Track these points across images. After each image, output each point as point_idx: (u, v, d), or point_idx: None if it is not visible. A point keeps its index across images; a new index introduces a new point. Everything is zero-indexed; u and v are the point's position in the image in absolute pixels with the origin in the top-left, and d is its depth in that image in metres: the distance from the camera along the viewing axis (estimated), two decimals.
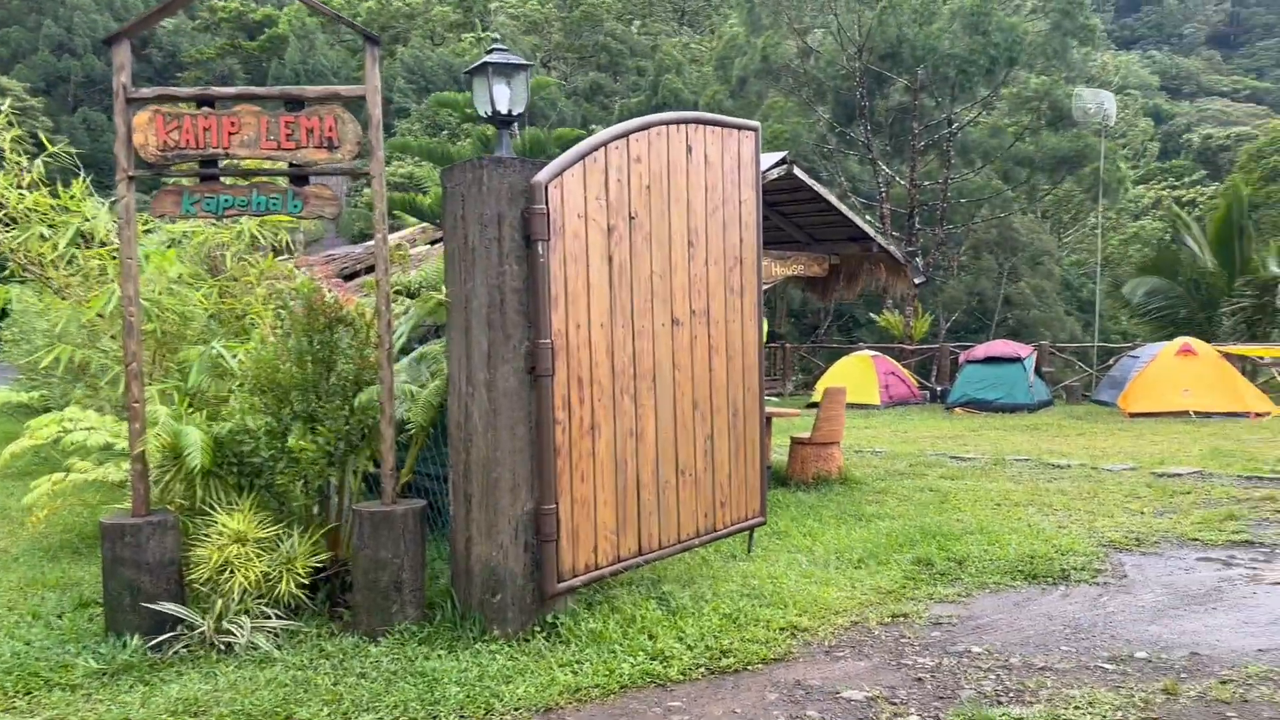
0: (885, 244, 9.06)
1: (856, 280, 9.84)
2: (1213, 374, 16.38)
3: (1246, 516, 7.22)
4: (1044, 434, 14.31)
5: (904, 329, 22.82)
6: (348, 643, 4.66)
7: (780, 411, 10.23)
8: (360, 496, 5.46)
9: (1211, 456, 10.60)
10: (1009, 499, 8.43)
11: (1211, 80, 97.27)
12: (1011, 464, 10.58)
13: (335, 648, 4.61)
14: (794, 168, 8.38)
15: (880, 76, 24.40)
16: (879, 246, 9.04)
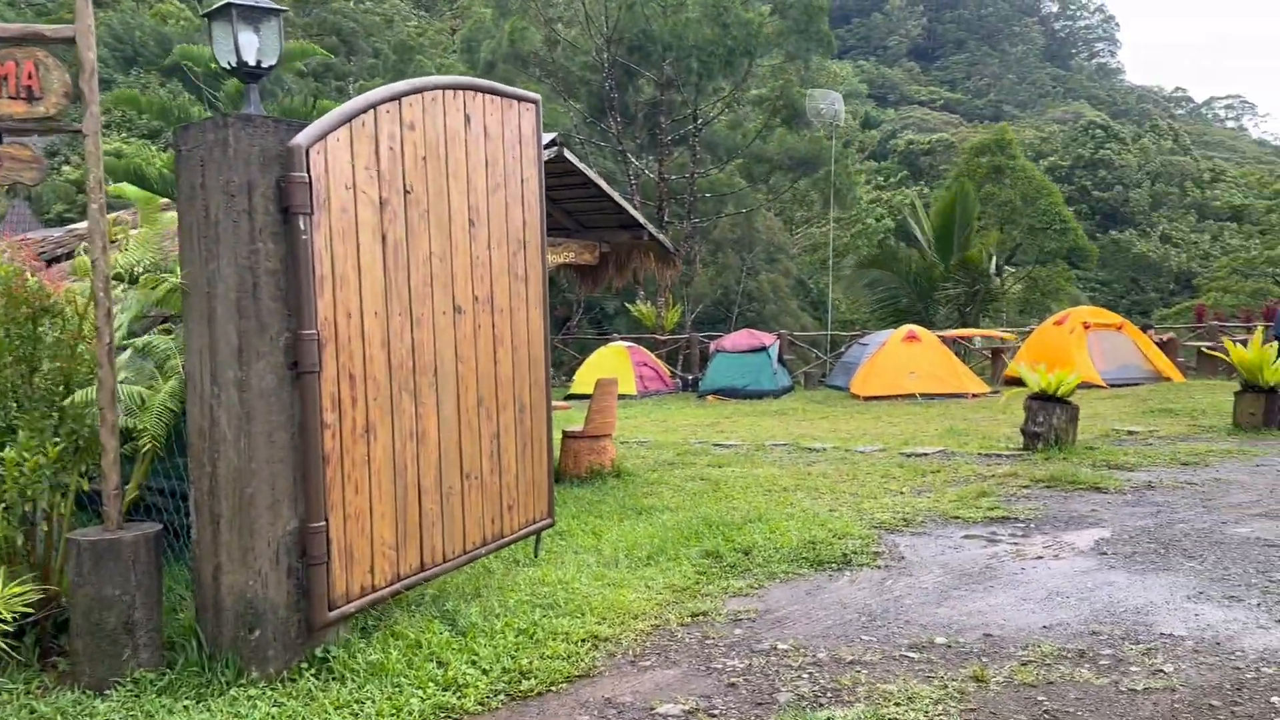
0: (655, 232, 8.91)
1: (626, 268, 9.64)
2: (935, 358, 17.74)
3: (997, 493, 7.67)
4: (792, 418, 14.88)
5: (656, 320, 23.16)
6: (66, 699, 3.81)
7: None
8: (73, 522, 4.54)
9: (949, 435, 11.35)
10: (777, 485, 8.53)
11: (912, 90, 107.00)
12: (771, 449, 10.81)
13: (50, 707, 3.75)
14: (564, 150, 8.02)
15: (629, 70, 24.60)
16: (650, 235, 8.89)
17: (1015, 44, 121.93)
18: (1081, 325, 18.46)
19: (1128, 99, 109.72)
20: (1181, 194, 62.80)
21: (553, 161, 8.11)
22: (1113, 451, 9.36)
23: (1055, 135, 70.04)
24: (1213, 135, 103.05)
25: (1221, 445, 9.64)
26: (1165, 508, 6.99)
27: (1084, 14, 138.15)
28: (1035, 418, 9.54)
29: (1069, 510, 7.06)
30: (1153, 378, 18.46)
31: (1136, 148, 63.01)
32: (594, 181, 8.40)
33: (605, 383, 9.29)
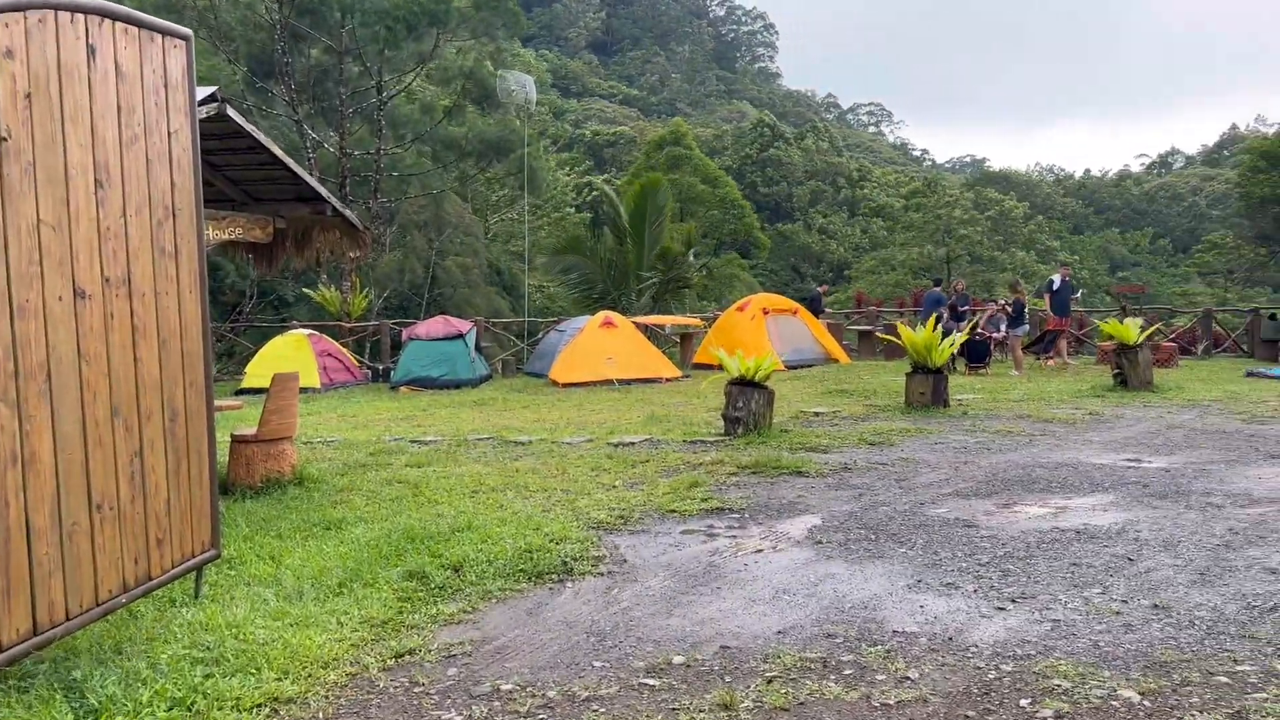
0: (340, 206, 7.91)
1: (308, 248, 8.53)
2: (631, 344, 17.87)
3: (708, 482, 7.52)
4: (493, 409, 14.28)
5: (341, 306, 21.60)
6: None
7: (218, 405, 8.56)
8: None
9: (652, 423, 11.25)
10: (484, 484, 7.90)
11: (594, 83, 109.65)
12: (474, 444, 10.15)
13: None
14: (228, 107, 6.85)
15: (299, 33, 22.68)
16: (333, 209, 7.88)
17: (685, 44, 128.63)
18: (761, 311, 19.39)
19: (785, 102, 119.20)
20: (835, 191, 69.16)
21: (213, 120, 6.91)
22: (806, 434, 9.63)
23: (726, 134, 74.65)
24: (857, 139, 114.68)
25: (900, 424, 10.25)
26: (866, 490, 7.15)
27: (747, 20, 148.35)
28: (735, 403, 9.60)
29: (778, 497, 7.03)
30: (824, 359, 19.78)
31: (800, 148, 68.42)
32: (265, 146, 7.28)
33: (283, 377, 8.18)
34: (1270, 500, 6.33)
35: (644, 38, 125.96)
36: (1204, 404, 11.50)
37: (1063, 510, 6.36)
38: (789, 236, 60.46)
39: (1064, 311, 19.49)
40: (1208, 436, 9.10)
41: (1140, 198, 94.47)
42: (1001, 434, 9.55)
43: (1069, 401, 12.12)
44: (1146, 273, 77.72)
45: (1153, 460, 7.98)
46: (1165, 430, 9.56)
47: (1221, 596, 4.53)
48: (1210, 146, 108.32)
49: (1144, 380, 12.73)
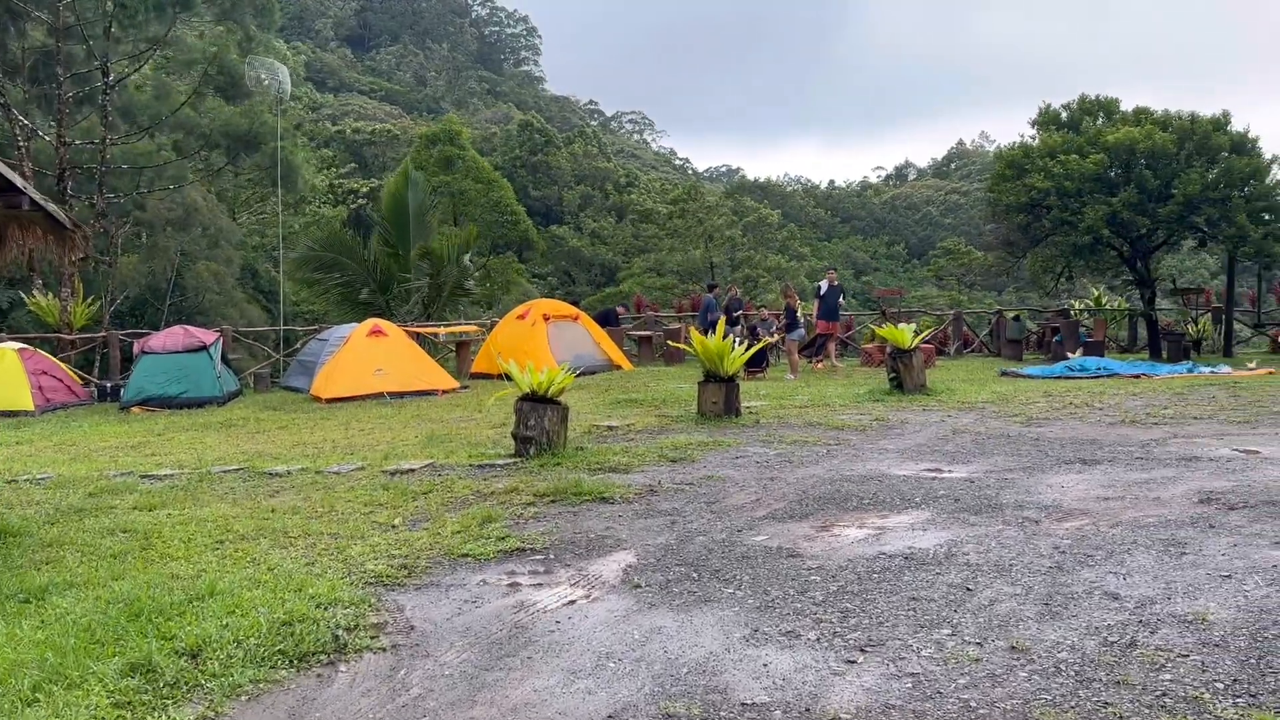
0: (40, 199, 6.42)
1: (4, 247, 6.92)
2: (403, 354, 16.63)
3: (503, 515, 6.66)
4: (244, 431, 12.72)
5: (61, 315, 18.87)
6: None
7: None
8: None
9: (432, 443, 10.23)
10: (232, 531, 6.67)
11: (351, 77, 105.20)
12: (221, 478, 8.76)
13: None
14: None
15: (11, 9, 19.67)
16: (32, 202, 6.37)
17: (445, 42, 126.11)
18: (542, 317, 18.67)
19: (550, 107, 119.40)
20: (604, 196, 69.61)
21: None
22: (604, 451, 8.97)
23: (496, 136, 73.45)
24: (622, 145, 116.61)
25: (697, 437, 9.80)
26: (677, 516, 6.55)
27: (510, 22, 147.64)
28: (527, 421, 8.80)
29: (584, 530, 6.29)
30: (606, 366, 19.32)
31: (568, 152, 68.34)
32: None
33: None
34: (1081, 512, 6.27)
35: (403, 33, 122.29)
36: (979, 406, 11.85)
37: (882, 531, 6.01)
38: (560, 240, 60.22)
39: (832, 316, 20.05)
40: (995, 442, 9.22)
41: (880, 207, 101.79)
42: (799, 444, 9.29)
43: (852, 406, 12.18)
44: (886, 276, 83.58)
45: (953, 469, 7.90)
46: (953, 436, 9.64)
47: (1075, 632, 4.21)
48: (939, 160, 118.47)
49: (918, 383, 13.05)
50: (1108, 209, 19.39)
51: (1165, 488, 6.91)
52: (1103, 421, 10.41)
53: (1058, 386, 14.21)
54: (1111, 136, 19.98)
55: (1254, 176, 18.79)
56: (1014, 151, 21.24)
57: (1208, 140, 19.23)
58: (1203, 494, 6.63)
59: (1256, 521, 5.85)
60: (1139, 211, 19.49)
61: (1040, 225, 21.00)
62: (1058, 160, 20.24)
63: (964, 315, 23.94)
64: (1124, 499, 6.61)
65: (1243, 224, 18.29)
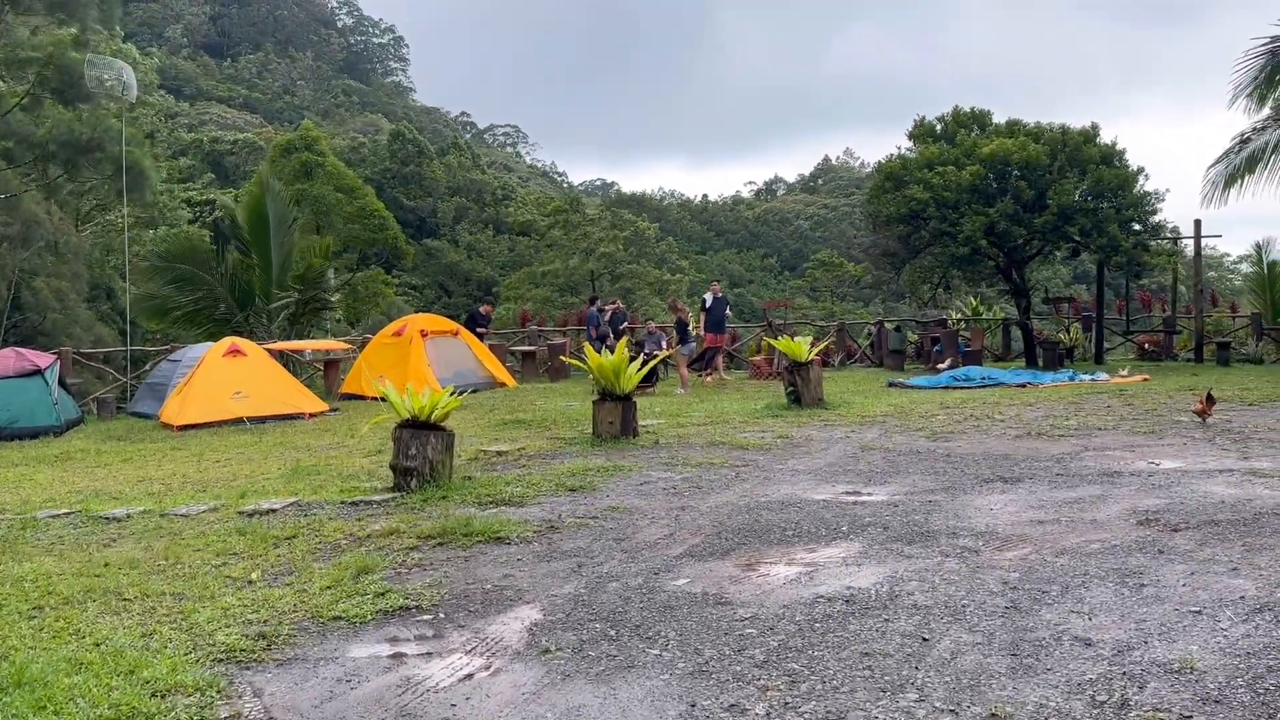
0: None
1: None
2: (265, 375, 15.37)
3: (382, 565, 5.78)
4: (81, 465, 11.35)
5: None
6: None
7: None
8: None
9: (298, 476, 9.19)
10: (54, 593, 5.59)
11: (210, 85, 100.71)
12: (48, 525, 7.54)
13: None
14: None
15: None
16: None
17: (307, 50, 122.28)
18: (419, 333, 17.65)
19: (420, 117, 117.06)
20: (480, 208, 68.24)
21: None
22: (494, 482, 8.15)
23: (365, 146, 71.12)
24: (495, 157, 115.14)
25: (595, 461, 9.07)
26: (585, 558, 5.81)
27: (376, 32, 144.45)
28: (407, 450, 7.90)
29: (478, 579, 5.49)
30: (489, 383, 18.41)
31: (442, 163, 66.73)
32: None
33: None
34: (1020, 539, 5.83)
35: (264, 41, 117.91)
36: (879, 420, 11.52)
37: (814, 568, 5.43)
38: (435, 253, 58.60)
39: (719, 328, 19.68)
40: (907, 459, 8.82)
41: (752, 221, 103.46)
42: (705, 467, 8.68)
43: (752, 423, 11.68)
44: (760, 289, 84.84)
45: (872, 492, 7.41)
46: (862, 453, 9.20)
47: (1057, 690, 3.68)
48: (807, 175, 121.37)
49: (815, 397, 12.68)
50: (985, 219, 19.64)
51: (1098, 508, 6.57)
52: (1008, 434, 10.18)
53: (950, 397, 14.09)
54: (986, 148, 20.29)
55: (1122, 187, 19.34)
56: (892, 164, 21.36)
57: (1079, 151, 19.72)
58: (1138, 514, 6.31)
59: (1205, 545, 5.51)
60: (1015, 221, 19.82)
61: (920, 236, 21.15)
62: (936, 171, 20.43)
63: (845, 326, 23.98)
64: (1059, 522, 6.22)
65: (1114, 233, 18.78)
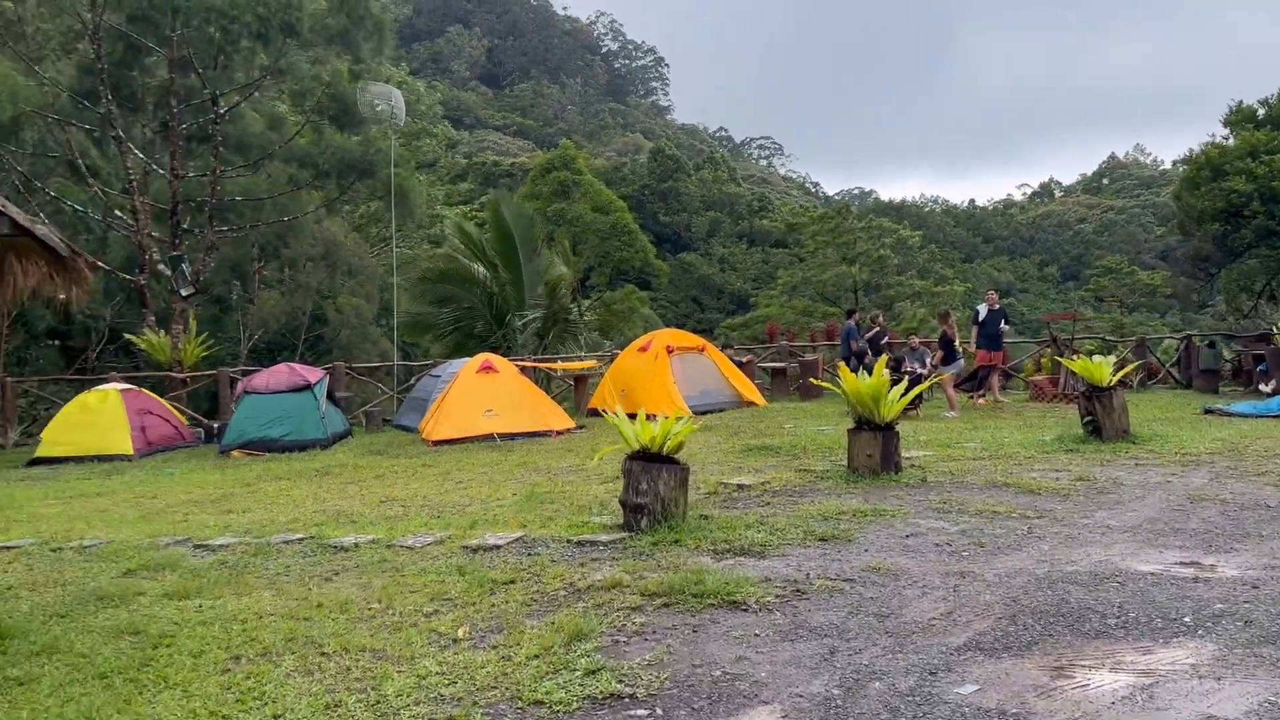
0: (27, 222, 5.15)
1: (2, 282, 5.71)
2: (515, 392, 15.27)
3: (599, 629, 4.95)
4: (336, 481, 11.49)
5: (172, 353, 18.36)
6: None
7: None
8: None
9: (530, 504, 8.65)
10: (256, 642, 5.19)
11: (487, 114, 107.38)
12: (279, 552, 7.37)
13: None
14: None
15: (134, 44, 19.48)
16: (14, 224, 5.11)
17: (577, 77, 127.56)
18: (665, 349, 17.04)
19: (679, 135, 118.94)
20: (734, 221, 67.92)
21: None
22: (732, 523, 7.16)
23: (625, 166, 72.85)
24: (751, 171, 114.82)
25: (851, 502, 7.87)
26: (838, 642, 4.69)
27: (639, 54, 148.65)
28: (637, 485, 7.08)
29: (706, 660, 4.52)
30: (735, 402, 17.51)
31: (698, 178, 67.07)
32: None
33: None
34: None
35: (534, 69, 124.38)
36: (1204, 459, 9.48)
37: (1153, 682, 4.02)
38: (689, 267, 58.72)
39: (994, 345, 17.68)
40: (1256, 517, 6.96)
41: (1026, 225, 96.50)
42: (987, 516, 7.26)
43: (1041, 458, 9.97)
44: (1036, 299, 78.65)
45: (1218, 563, 5.76)
46: (1191, 505, 7.41)
47: None
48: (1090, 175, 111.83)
49: (1120, 428, 10.72)
50: None
51: None
52: None
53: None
54: None
55: None
56: (1209, 152, 18.40)
57: None
58: None
59: None
60: None
61: (1240, 236, 18.09)
62: (1261, 161, 17.37)
63: (1146, 341, 21.03)
64: None
65: None
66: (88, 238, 22.24)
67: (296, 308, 28.92)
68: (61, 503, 10.81)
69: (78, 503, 10.78)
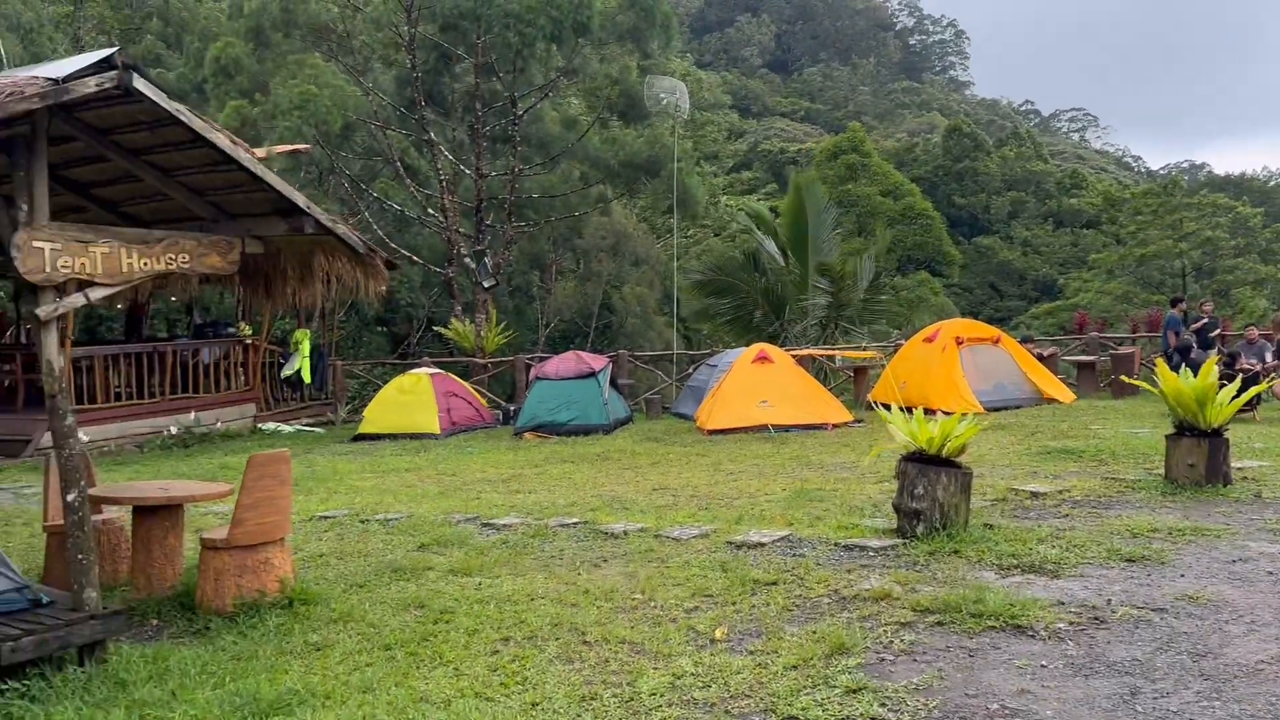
0: (326, 220, 5.60)
1: (310, 277, 6.29)
2: (790, 383, 14.98)
3: (861, 645, 4.64)
4: (615, 466, 11.81)
5: (476, 340, 19.76)
6: None
7: (196, 493, 6.45)
8: None
9: (799, 501, 8.39)
10: (524, 623, 5.35)
11: (775, 101, 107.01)
12: (555, 534, 7.62)
13: None
14: (136, 77, 4.64)
15: (445, 52, 21.13)
16: (317, 224, 5.57)
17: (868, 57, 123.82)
18: (954, 340, 16.01)
19: (978, 111, 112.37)
20: (1039, 201, 63.15)
21: (128, 100, 4.75)
22: (1021, 536, 6.52)
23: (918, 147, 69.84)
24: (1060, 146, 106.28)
25: (1167, 517, 6.93)
26: (1142, 682, 4.08)
27: (937, 29, 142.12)
28: (913, 489, 6.62)
29: (982, 691, 4.08)
30: (1034, 399, 16.14)
31: (998, 156, 63.11)
32: (205, 137, 5.06)
33: (264, 460, 5.92)
34: None
35: (823, 52, 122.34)
36: None
37: None
38: (986, 252, 55.34)
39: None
40: None
41: None
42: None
43: None
44: None
45: None
46: None
47: None
48: None
49: None
50: None
51: None
52: None
53: None
54: None
55: None
56: None
57: None
58: None
59: None
60: None
61: None
62: None
63: None
64: None
65: None
66: (408, 235, 24.47)
67: (588, 297, 30.27)
68: (375, 476, 11.89)
69: (389, 477, 11.81)
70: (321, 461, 13.33)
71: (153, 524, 6.25)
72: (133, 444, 15.45)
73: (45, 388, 4.76)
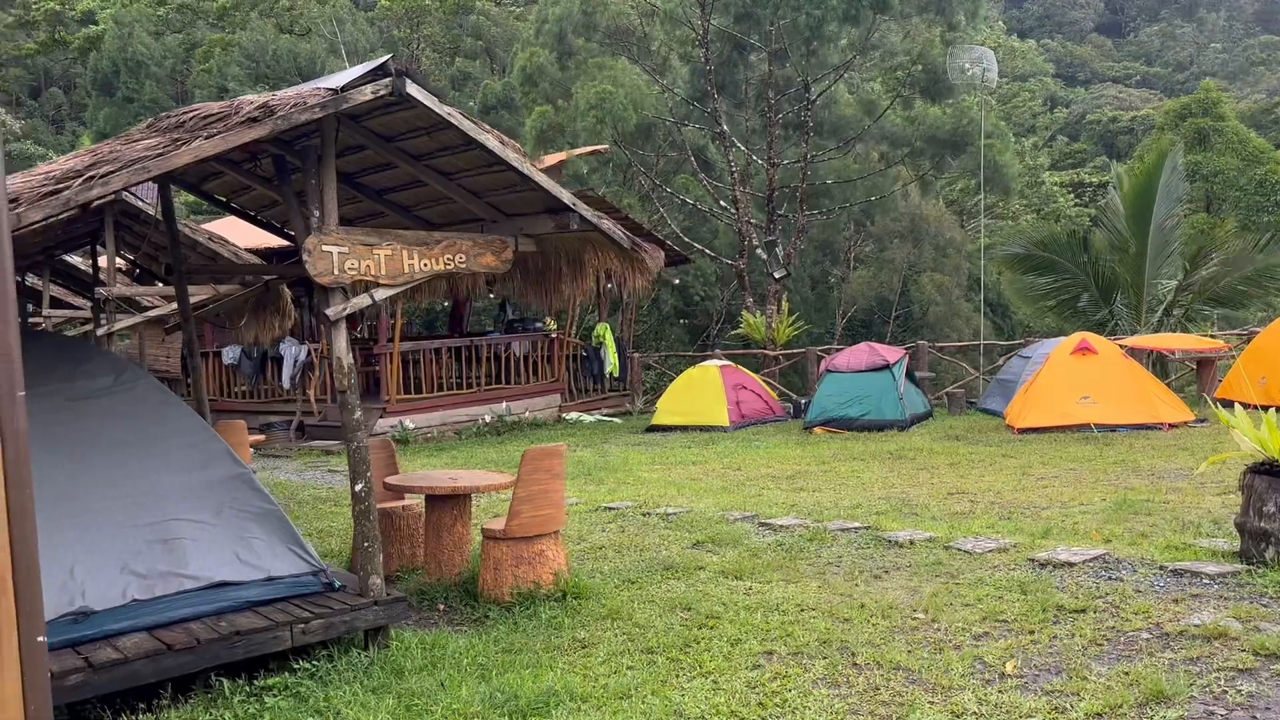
0: (592, 216, 5.56)
1: (581, 274, 6.33)
2: (1117, 377, 13.39)
3: (1184, 694, 3.87)
4: (907, 466, 11.11)
5: (766, 333, 19.54)
6: None
7: (481, 483, 6.70)
8: None
9: (1120, 513, 7.37)
10: (792, 636, 5.02)
11: (1104, 67, 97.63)
12: (834, 539, 7.19)
13: None
14: (408, 83, 4.83)
15: (738, 42, 21.05)
16: (582, 219, 5.54)
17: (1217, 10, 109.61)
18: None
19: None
20: None
21: (394, 102, 4.97)
22: None
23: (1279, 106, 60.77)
24: None
25: None
26: None
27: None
28: (1261, 505, 5.54)
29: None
30: None
31: None
32: (476, 140, 5.17)
33: (538, 454, 6.01)
34: None
35: (1163, 10, 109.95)
36: None
37: None
38: None
39: None
40: None
41: None
42: None
43: None
44: None
45: None
46: None
47: None
48: None
49: None
50: None
51: None
52: None
53: None
54: None
55: None
56: None
57: None
58: None
59: None
60: None
61: None
62: None
63: None
64: None
65: None
66: (704, 229, 24.71)
67: (884, 284, 29.11)
68: (663, 468, 12.00)
69: (675, 469, 11.87)
70: (615, 451, 13.68)
71: (442, 512, 6.56)
72: (453, 431, 16.73)
73: (336, 383, 5.05)
